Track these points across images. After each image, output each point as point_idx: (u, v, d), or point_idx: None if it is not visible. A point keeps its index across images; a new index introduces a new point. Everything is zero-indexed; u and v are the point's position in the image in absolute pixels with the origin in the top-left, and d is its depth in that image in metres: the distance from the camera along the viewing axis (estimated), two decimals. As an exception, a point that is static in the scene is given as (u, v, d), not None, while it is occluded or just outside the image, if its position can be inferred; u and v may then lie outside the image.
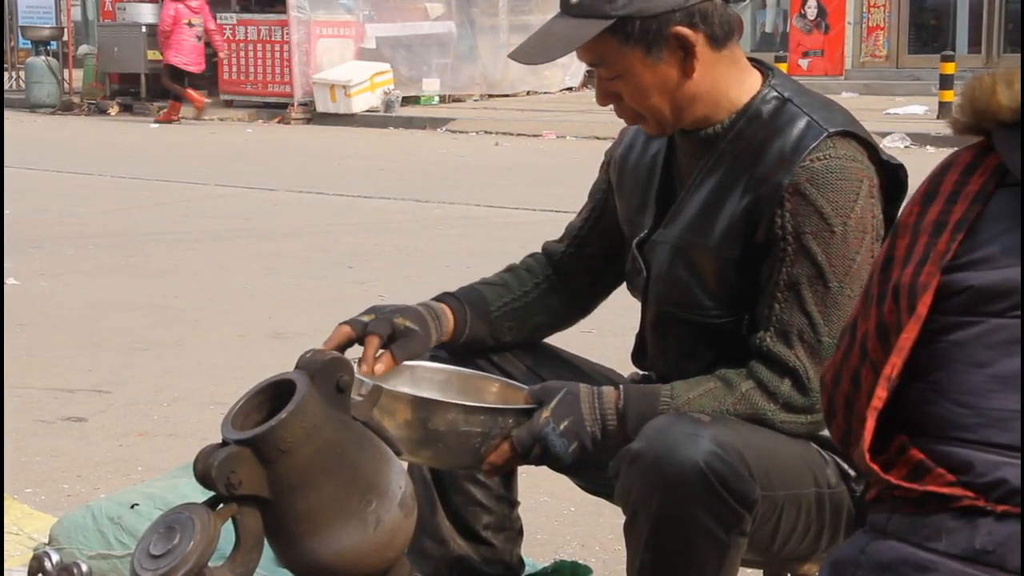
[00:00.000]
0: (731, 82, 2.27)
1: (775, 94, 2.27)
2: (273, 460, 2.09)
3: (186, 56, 18.13)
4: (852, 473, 2.28)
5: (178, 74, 18.21)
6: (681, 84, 2.23)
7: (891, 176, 2.25)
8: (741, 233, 2.21)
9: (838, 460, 2.28)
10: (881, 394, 1.63)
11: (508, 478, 2.56)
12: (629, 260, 2.43)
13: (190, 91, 18.21)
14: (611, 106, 2.32)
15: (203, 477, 2.09)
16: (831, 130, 2.19)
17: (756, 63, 2.34)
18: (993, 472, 1.55)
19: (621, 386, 2.24)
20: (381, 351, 2.32)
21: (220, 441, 2.13)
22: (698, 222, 2.27)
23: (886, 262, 1.71)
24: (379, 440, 2.24)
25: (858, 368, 1.75)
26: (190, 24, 18.06)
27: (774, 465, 2.15)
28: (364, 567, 2.16)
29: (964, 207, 1.64)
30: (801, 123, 2.21)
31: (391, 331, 2.34)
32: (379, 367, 2.31)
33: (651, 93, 2.24)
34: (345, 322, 2.37)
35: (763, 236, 2.20)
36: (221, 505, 2.11)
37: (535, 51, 2.27)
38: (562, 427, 2.20)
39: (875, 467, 1.63)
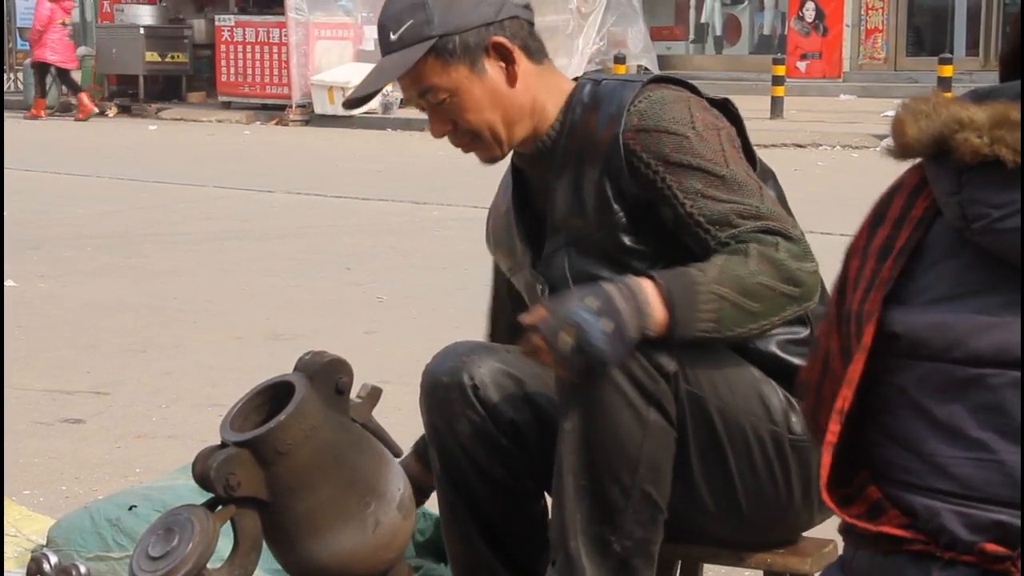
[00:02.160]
0: (551, 92, 2.40)
1: (588, 82, 2.40)
2: (272, 462, 2.09)
3: (60, 54, 19.12)
4: None
5: (46, 71, 19.17)
6: (509, 95, 2.36)
7: (723, 111, 2.36)
8: (611, 196, 2.29)
9: None
10: (834, 428, 1.64)
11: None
12: (526, 287, 2.48)
13: (82, 95, 19.06)
14: (441, 136, 2.39)
15: (202, 478, 2.09)
16: (645, 80, 2.33)
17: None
18: (936, 519, 1.57)
19: (651, 274, 2.15)
20: None
21: (219, 443, 2.13)
22: (571, 216, 2.34)
23: (840, 287, 1.72)
24: (378, 442, 2.24)
25: (820, 383, 1.76)
26: (64, 24, 18.85)
27: (705, 366, 2.18)
28: (363, 569, 2.16)
29: (908, 232, 1.65)
30: (618, 87, 2.35)
31: None
32: None
33: (483, 107, 2.34)
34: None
35: (634, 187, 2.28)
36: (220, 507, 2.11)
37: (365, 86, 2.37)
38: (593, 306, 2.07)
39: (832, 504, 1.64)
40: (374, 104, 17.77)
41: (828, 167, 12.20)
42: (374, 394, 2.25)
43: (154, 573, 2.05)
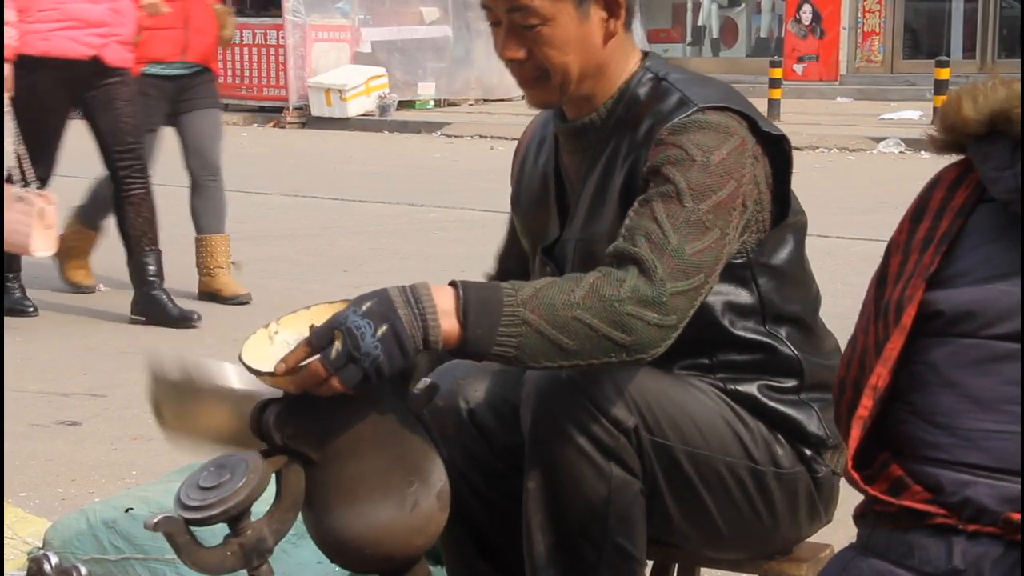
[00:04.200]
0: (619, 66, 2.27)
1: (650, 75, 2.26)
2: (329, 418, 2.06)
3: None
4: (808, 453, 2.26)
5: None
6: (596, 49, 2.22)
7: (776, 148, 2.22)
8: (626, 210, 2.15)
9: (794, 443, 2.25)
10: (867, 403, 1.67)
11: None
12: (538, 268, 2.40)
13: None
14: (510, 61, 2.23)
15: (259, 425, 2.06)
16: (702, 104, 2.16)
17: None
18: (962, 491, 1.59)
19: (458, 283, 2.01)
20: None
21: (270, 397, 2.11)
22: (591, 215, 2.26)
23: (880, 280, 1.74)
24: (425, 433, 2.21)
25: (859, 379, 1.77)
26: None
27: (670, 414, 2.13)
28: (392, 547, 2.12)
29: (948, 221, 1.68)
30: (673, 99, 2.20)
31: None
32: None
33: (570, 48, 2.20)
34: None
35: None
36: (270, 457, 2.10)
37: None
38: (364, 308, 1.92)
39: (856, 476, 1.66)
40: (371, 106, 17.79)
41: (825, 169, 12.21)
42: (431, 390, 2.20)
43: (203, 502, 2.02)
